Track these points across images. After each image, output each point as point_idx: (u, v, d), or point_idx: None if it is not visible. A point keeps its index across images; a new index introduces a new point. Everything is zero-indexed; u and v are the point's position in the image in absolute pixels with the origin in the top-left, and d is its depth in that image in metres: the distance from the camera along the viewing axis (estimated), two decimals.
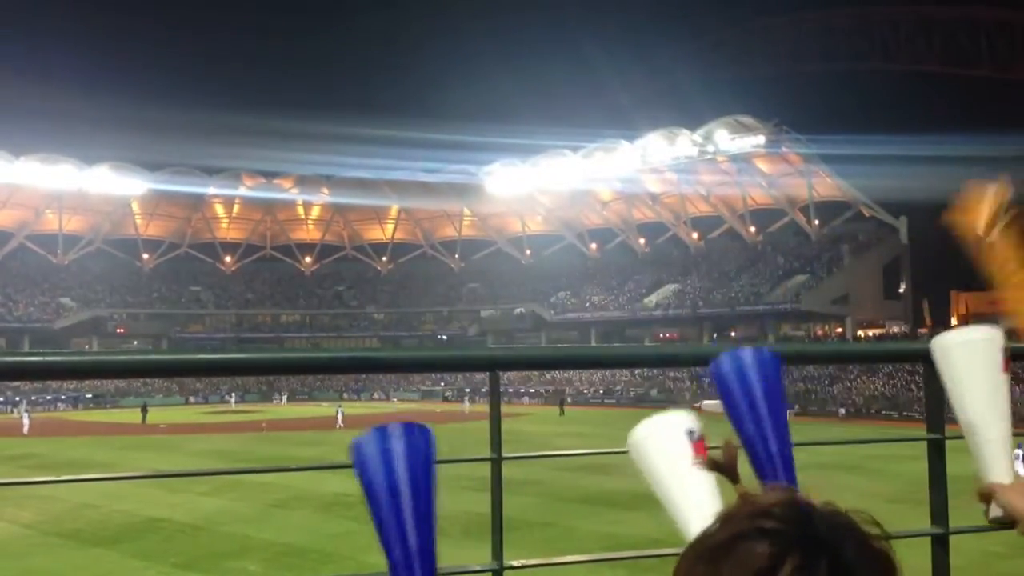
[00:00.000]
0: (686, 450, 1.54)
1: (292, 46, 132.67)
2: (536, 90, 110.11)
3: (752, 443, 1.62)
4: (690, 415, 1.62)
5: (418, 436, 1.43)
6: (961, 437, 1.82)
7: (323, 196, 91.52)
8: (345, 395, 74.95)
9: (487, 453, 2.36)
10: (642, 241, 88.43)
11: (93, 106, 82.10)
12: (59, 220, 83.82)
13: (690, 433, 1.56)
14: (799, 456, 1.64)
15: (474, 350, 2.61)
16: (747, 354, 1.69)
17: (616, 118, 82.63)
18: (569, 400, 66.87)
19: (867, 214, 74.18)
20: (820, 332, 72.28)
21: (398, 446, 1.41)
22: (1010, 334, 1.87)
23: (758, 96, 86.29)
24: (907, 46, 71.41)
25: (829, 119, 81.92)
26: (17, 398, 64.20)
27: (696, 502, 1.48)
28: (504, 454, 2.28)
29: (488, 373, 2.35)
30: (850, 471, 24.62)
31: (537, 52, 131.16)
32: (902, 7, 72.49)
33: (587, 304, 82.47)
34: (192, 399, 73.73)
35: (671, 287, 78.82)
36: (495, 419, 2.36)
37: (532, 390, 72.62)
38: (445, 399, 72.27)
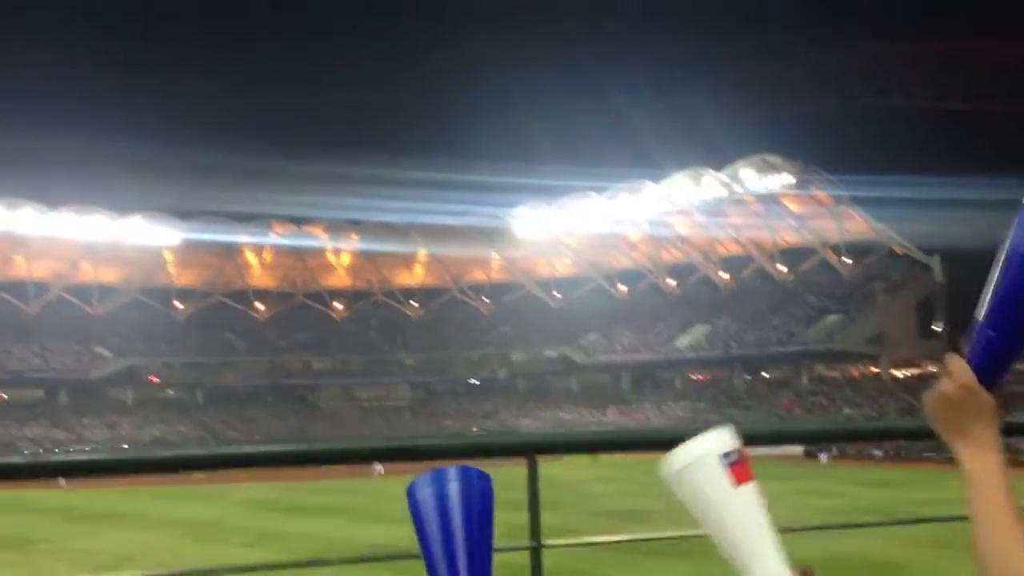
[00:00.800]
0: (722, 479, 1.40)
1: (317, 90, 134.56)
2: (560, 131, 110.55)
3: None
4: (725, 434, 1.45)
5: (476, 481, 1.37)
6: None
7: (353, 243, 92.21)
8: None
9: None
10: (672, 282, 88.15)
11: (124, 154, 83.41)
12: (94, 271, 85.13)
13: (724, 457, 1.41)
14: (842, 503, 1.53)
15: (512, 435, 2.53)
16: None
17: (641, 158, 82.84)
18: None
19: (899, 252, 73.55)
20: (855, 372, 71.43)
21: (454, 490, 1.35)
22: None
23: (783, 135, 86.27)
24: (931, 82, 71.34)
25: (855, 157, 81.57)
26: (54, 449, 64.74)
27: (745, 539, 1.38)
28: (544, 540, 2.23)
29: (526, 458, 2.29)
30: (894, 516, 24.16)
31: (561, 93, 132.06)
32: (925, 43, 72.53)
33: (617, 347, 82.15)
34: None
35: (702, 328, 78.36)
36: (534, 505, 2.28)
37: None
38: None
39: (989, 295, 1.33)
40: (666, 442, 2.43)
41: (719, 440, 1.42)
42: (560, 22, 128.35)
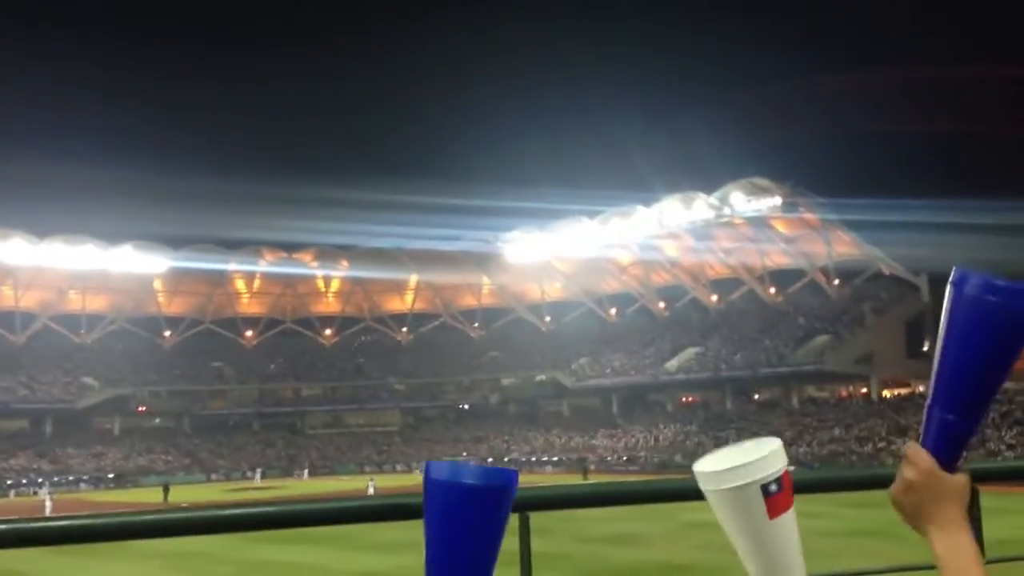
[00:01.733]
0: (760, 510, 1.32)
1: (307, 115, 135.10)
2: (553, 156, 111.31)
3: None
4: (774, 455, 1.34)
5: (496, 479, 1.29)
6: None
7: (343, 269, 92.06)
8: (367, 467, 74.48)
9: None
10: (661, 305, 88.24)
11: (114, 183, 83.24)
12: (83, 300, 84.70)
13: (765, 487, 1.32)
14: (824, 524, 1.45)
15: None
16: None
17: (632, 182, 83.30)
18: (592, 467, 66.11)
19: (887, 272, 73.85)
20: (845, 393, 71.44)
21: (470, 480, 1.28)
22: None
23: (773, 158, 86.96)
24: (917, 106, 72.02)
25: (845, 180, 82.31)
26: (40, 479, 64.08)
27: (772, 571, 1.35)
28: None
29: (518, 514, 2.13)
30: (883, 537, 23.95)
31: (553, 118, 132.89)
32: (915, 67, 73.35)
33: (608, 370, 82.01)
34: (214, 476, 73.38)
35: (692, 350, 78.35)
36: (526, 566, 2.16)
37: (555, 459, 71.88)
38: None
39: (933, 375, 1.31)
40: (669, 494, 2.29)
41: (764, 461, 1.33)
42: (553, 47, 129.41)
